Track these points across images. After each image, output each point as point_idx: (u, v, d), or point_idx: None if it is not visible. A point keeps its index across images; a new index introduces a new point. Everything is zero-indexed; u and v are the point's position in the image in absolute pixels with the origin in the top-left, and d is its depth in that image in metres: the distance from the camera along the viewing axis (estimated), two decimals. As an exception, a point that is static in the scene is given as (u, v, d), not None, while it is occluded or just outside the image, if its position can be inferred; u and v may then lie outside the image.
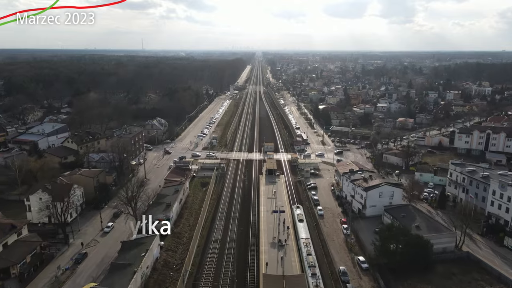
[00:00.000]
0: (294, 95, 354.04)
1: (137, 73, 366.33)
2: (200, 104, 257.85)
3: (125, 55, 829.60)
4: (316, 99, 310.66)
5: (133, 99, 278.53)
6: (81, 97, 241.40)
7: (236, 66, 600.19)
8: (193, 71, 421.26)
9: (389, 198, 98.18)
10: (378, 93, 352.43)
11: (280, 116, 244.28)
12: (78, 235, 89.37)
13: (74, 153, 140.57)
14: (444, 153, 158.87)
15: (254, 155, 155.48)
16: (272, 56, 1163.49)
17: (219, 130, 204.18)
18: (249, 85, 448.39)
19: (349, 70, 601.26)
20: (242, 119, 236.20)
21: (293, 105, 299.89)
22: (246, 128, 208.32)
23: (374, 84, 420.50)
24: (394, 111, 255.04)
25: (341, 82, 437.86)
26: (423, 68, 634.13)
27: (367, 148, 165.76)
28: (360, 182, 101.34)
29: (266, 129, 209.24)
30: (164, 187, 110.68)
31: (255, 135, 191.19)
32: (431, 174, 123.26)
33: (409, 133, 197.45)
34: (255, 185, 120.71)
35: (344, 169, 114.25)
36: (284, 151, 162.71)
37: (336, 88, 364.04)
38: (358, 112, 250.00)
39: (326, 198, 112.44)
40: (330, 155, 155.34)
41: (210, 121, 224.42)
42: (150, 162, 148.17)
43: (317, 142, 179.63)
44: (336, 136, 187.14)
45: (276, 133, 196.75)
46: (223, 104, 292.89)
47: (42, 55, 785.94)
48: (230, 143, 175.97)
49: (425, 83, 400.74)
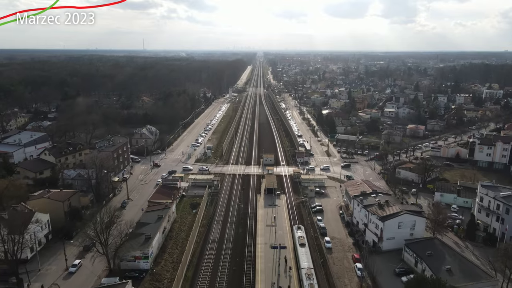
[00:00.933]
0: (295, 98, 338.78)
1: (132, 75, 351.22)
2: (196, 109, 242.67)
3: (125, 55, 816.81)
4: (319, 102, 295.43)
5: (126, 103, 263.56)
6: (69, 102, 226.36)
7: (236, 67, 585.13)
8: (191, 73, 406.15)
9: (410, 229, 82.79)
10: (383, 96, 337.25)
11: (281, 122, 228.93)
12: (37, 276, 74.16)
13: (51, 166, 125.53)
14: (463, 166, 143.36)
15: (252, 169, 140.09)
16: (273, 56, 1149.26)
17: (215, 138, 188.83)
18: (249, 87, 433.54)
19: (352, 71, 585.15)
20: (240, 125, 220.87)
21: (295, 109, 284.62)
22: (245, 136, 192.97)
23: (378, 86, 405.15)
24: (403, 116, 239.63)
25: (344, 84, 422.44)
26: (428, 69, 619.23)
27: (377, 161, 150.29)
28: (375, 209, 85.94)
29: (266, 137, 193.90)
30: (147, 212, 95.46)
31: (254, 144, 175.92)
32: (454, 195, 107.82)
33: (421, 142, 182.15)
34: (252, 208, 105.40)
35: (355, 191, 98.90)
36: (286, 164, 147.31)
37: (339, 90, 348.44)
38: (364, 117, 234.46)
39: (334, 225, 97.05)
40: (337, 169, 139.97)
41: (206, 128, 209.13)
42: (136, 177, 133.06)
43: (321, 153, 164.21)
44: (342, 145, 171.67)
45: (277, 142, 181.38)
46: (221, 108, 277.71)
47: (40, 56, 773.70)
48: (226, 154, 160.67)
49: (432, 86, 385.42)
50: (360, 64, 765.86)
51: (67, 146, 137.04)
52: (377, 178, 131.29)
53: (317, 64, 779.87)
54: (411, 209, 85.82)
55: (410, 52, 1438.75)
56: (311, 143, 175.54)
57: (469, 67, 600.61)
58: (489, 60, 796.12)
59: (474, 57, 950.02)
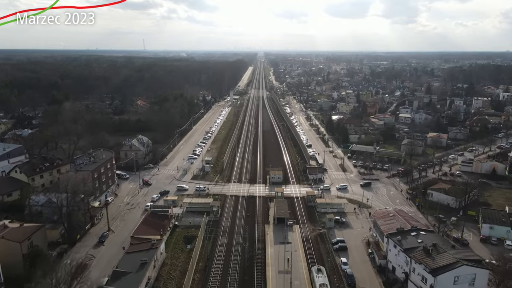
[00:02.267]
0: (301, 102, 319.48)
1: (127, 76, 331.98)
2: (194, 114, 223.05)
3: (124, 55, 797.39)
4: (326, 106, 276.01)
5: (119, 107, 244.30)
6: (55, 107, 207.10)
7: (237, 68, 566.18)
8: (190, 74, 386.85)
9: (468, 284, 63.34)
10: (393, 98, 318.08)
11: (287, 129, 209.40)
12: None
13: (23, 186, 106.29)
14: (502, 185, 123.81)
15: (258, 189, 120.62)
16: (275, 56, 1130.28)
17: (214, 149, 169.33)
18: (251, 89, 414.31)
19: (357, 72, 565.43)
20: (243, 133, 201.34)
21: (300, 113, 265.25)
22: (248, 146, 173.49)
23: (387, 88, 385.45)
24: (419, 122, 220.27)
25: (350, 86, 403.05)
26: (435, 70, 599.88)
27: (401, 177, 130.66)
28: (421, 257, 66.43)
29: (272, 147, 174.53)
30: (128, 253, 75.94)
31: (259, 156, 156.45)
32: (507, 228, 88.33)
33: (445, 153, 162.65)
34: (259, 245, 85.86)
35: (388, 225, 79.48)
36: (296, 181, 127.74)
37: (347, 93, 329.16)
38: (377, 124, 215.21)
39: (363, 269, 77.51)
40: (356, 188, 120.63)
41: (205, 136, 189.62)
42: (122, 199, 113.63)
43: (335, 167, 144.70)
44: (358, 157, 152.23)
45: (284, 154, 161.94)
46: (221, 113, 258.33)
47: (37, 56, 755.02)
48: (227, 168, 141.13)
49: (444, 88, 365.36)
50: (363, 65, 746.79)
51: (43, 162, 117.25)
52: (405, 201, 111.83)
53: (319, 65, 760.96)
54: (469, 257, 66.16)
55: (412, 52, 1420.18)
56: (322, 155, 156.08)
57: (478, 67, 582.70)
58: (494, 61, 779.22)
59: (477, 57, 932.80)
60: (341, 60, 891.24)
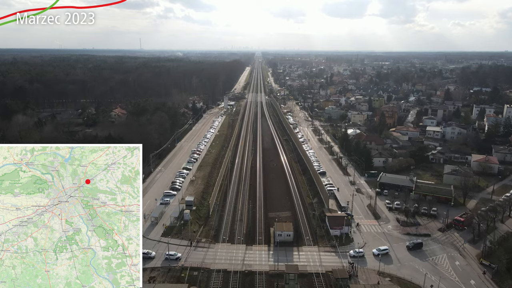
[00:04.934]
0: (305, 109, 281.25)
1: (107, 79, 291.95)
2: (180, 128, 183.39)
3: (116, 55, 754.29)
4: (336, 115, 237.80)
5: (91, 118, 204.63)
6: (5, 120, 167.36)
7: (234, 68, 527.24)
8: (180, 77, 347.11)
9: None
10: (408, 105, 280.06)
11: (293, 147, 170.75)
12: None
13: None
14: None
15: (258, 257, 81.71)
16: (273, 56, 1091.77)
17: (200, 178, 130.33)
18: (248, 93, 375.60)
19: (361, 74, 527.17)
20: (238, 153, 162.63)
21: (306, 124, 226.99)
22: (244, 175, 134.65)
23: (398, 92, 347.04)
24: (451, 137, 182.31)
25: (357, 90, 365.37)
26: (443, 71, 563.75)
27: (459, 230, 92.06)
28: None
29: (275, 175, 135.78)
30: None
31: (258, 193, 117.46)
32: None
33: (500, 183, 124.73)
34: None
35: None
36: (312, 239, 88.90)
37: (356, 99, 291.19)
38: (401, 139, 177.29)
39: None
40: (401, 254, 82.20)
41: (190, 158, 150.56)
42: None
43: (362, 210, 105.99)
44: (390, 193, 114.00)
45: (292, 186, 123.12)
46: (213, 124, 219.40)
47: (25, 56, 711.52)
48: (214, 214, 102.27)
49: (464, 92, 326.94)
50: (366, 65, 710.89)
51: None
52: (484, 282, 73.32)
53: (319, 65, 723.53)
54: None
55: (410, 52, 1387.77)
56: (342, 188, 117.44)
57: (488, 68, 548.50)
58: (498, 61, 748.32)
59: (479, 57, 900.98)
60: (341, 60, 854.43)
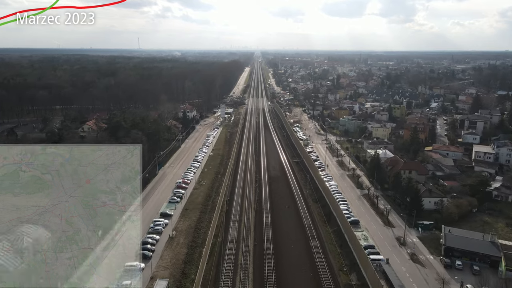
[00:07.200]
0: (313, 117, 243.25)
1: (86, 84, 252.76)
2: (162, 150, 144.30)
3: (110, 55, 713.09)
4: (353, 127, 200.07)
5: (55, 134, 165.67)
6: None
7: (232, 69, 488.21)
8: (172, 80, 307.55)
9: None
10: (431, 113, 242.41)
11: (309, 178, 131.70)
12: None
13: None
14: None
15: None
16: (273, 56, 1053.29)
17: (183, 235, 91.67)
18: (248, 97, 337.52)
19: (369, 75, 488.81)
20: (237, 186, 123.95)
21: (318, 139, 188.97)
22: (245, 229, 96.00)
23: (417, 97, 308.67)
24: (507, 160, 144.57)
25: (370, 94, 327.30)
26: (456, 73, 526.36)
27: None
28: None
29: (289, 228, 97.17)
30: None
31: (267, 264, 79.12)
32: None
33: None
34: None
35: None
36: None
37: (373, 106, 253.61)
38: (445, 165, 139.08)
39: None
40: None
41: (173, 196, 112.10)
42: None
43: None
44: (462, 264, 76.14)
45: (316, 255, 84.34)
46: (207, 140, 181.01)
47: (13, 55, 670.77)
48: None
49: (488, 97, 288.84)
50: (370, 66, 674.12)
51: None
52: None
53: (322, 66, 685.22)
54: None
55: (410, 51, 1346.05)
56: (389, 252, 79.32)
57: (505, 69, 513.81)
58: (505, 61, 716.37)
59: (483, 57, 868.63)
60: (344, 60, 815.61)
